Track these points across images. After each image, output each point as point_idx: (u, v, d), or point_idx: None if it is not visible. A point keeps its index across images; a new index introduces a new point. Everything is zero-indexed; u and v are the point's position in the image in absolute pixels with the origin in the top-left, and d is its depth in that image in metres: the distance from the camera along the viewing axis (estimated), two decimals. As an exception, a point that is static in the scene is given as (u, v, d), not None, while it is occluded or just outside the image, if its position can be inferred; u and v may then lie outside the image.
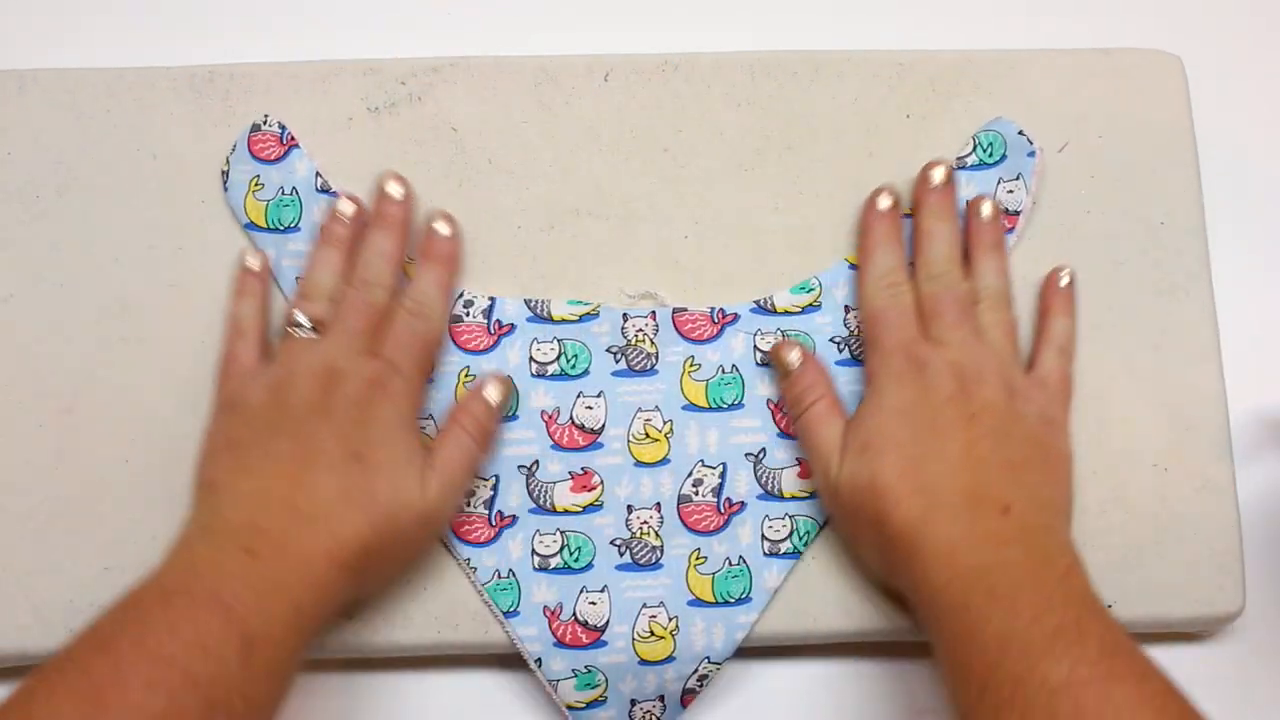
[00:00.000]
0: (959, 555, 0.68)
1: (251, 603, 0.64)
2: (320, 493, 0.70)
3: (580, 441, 0.80)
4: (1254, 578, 0.81)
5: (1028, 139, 0.85)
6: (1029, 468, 0.73)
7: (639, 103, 0.87)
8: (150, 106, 0.86)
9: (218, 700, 0.60)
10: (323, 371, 0.74)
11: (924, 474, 0.71)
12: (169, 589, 0.64)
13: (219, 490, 0.71)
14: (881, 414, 0.75)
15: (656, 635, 0.77)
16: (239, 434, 0.74)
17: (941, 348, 0.76)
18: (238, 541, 0.67)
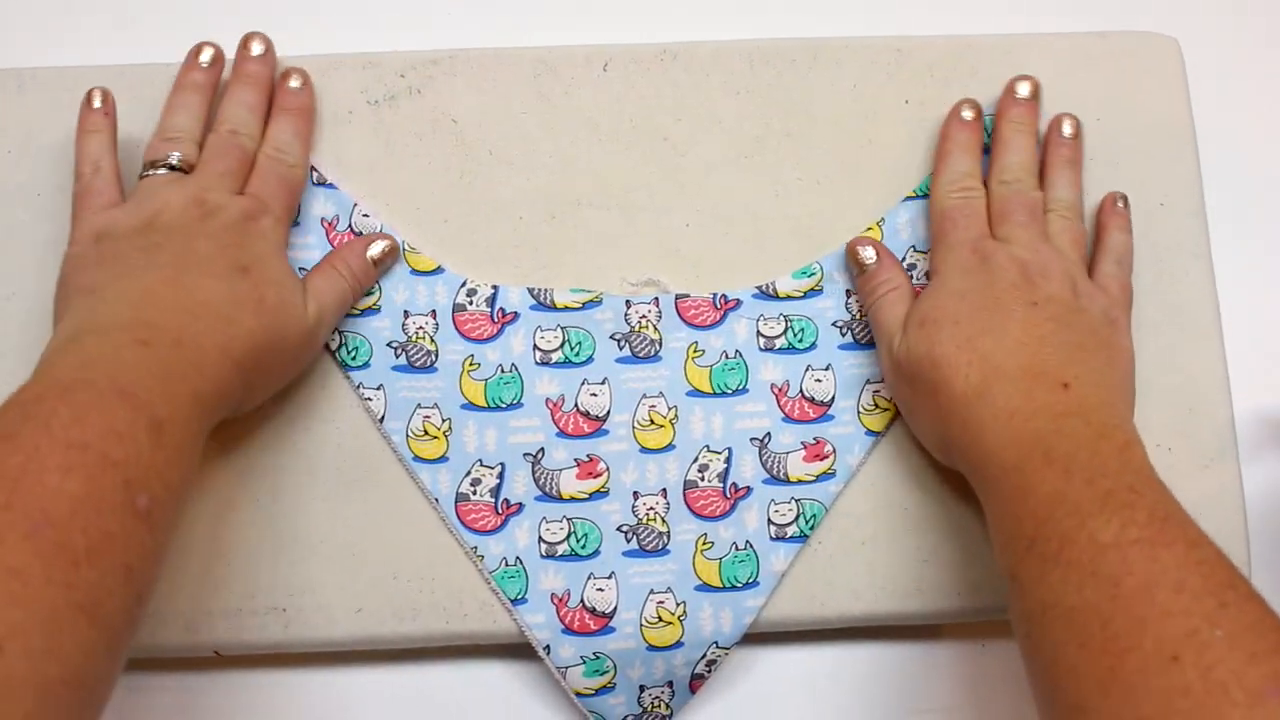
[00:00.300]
0: (1016, 421, 0.68)
1: (155, 389, 0.64)
2: (210, 295, 0.71)
3: (585, 428, 0.80)
4: (1259, 557, 0.82)
5: None
6: (1091, 351, 0.73)
7: (638, 92, 0.87)
8: (150, 104, 0.85)
9: (135, 481, 0.60)
10: (194, 201, 0.75)
11: (983, 347, 0.72)
12: (66, 382, 0.63)
13: (98, 291, 0.71)
14: (942, 294, 0.76)
15: (664, 621, 0.77)
16: (111, 248, 0.74)
17: (1008, 244, 0.77)
18: (130, 334, 0.67)
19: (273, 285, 0.73)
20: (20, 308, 0.83)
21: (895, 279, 0.80)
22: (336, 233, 0.83)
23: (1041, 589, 0.62)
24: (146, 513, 0.60)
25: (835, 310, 0.83)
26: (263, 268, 0.74)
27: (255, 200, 0.77)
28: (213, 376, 0.68)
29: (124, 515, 0.59)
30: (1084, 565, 0.61)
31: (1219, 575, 0.60)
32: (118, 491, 0.59)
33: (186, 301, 0.69)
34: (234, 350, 0.69)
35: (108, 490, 0.59)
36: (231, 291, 0.71)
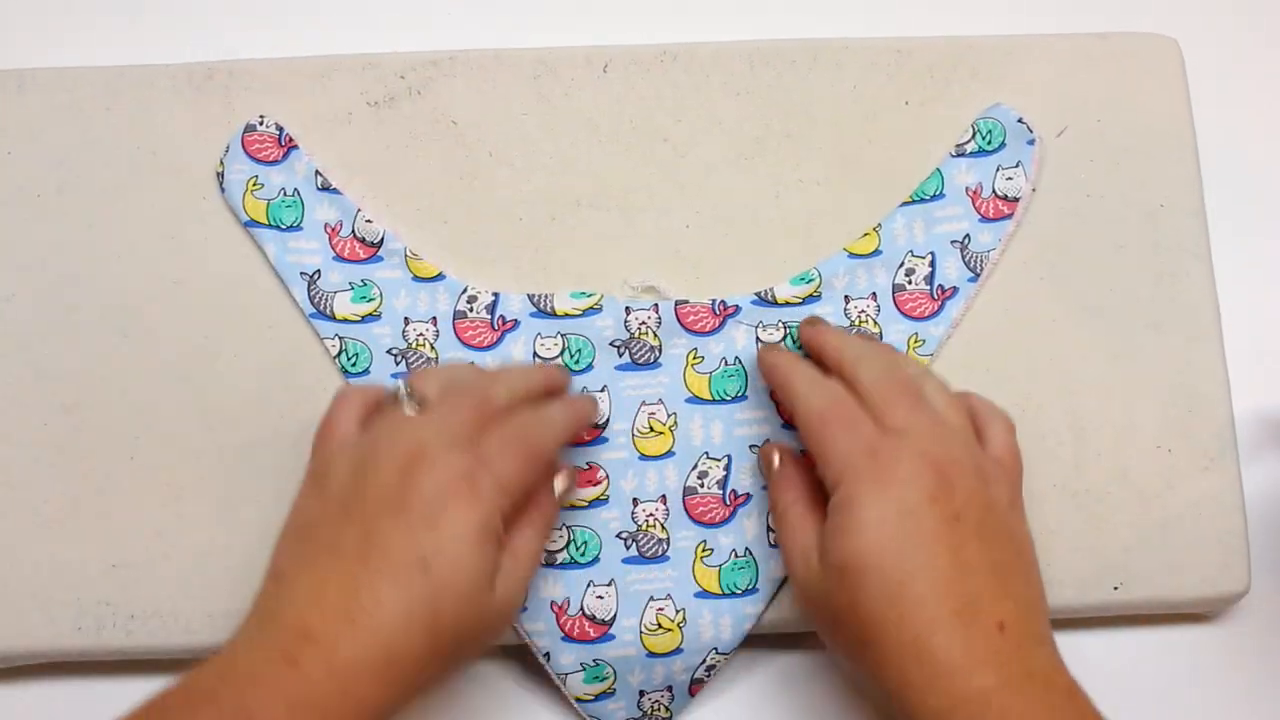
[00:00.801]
0: (959, 679, 0.63)
1: (281, 717, 0.60)
2: (380, 604, 0.63)
3: (585, 436, 0.80)
4: (1259, 557, 0.82)
5: (1027, 127, 0.85)
6: (1013, 570, 0.68)
7: (638, 93, 0.87)
8: (150, 104, 0.86)
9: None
10: (408, 455, 0.67)
11: (913, 594, 0.65)
12: (196, 695, 0.60)
13: (282, 581, 0.66)
14: (857, 533, 0.67)
15: (664, 628, 0.77)
16: (314, 516, 0.68)
17: (908, 438, 0.69)
18: (282, 648, 0.62)
19: (452, 591, 0.65)
20: (20, 308, 0.83)
21: (796, 495, 0.74)
22: (340, 238, 0.83)
23: None
24: None
25: (834, 317, 0.82)
26: (448, 562, 0.65)
27: (476, 460, 0.68)
28: (356, 700, 0.62)
29: None
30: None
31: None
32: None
33: (352, 607, 0.63)
34: (391, 674, 0.63)
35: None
36: (406, 600, 0.63)
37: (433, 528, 0.65)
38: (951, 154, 0.85)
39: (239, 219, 0.84)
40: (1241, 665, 0.83)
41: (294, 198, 0.84)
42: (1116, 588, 0.79)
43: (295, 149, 0.85)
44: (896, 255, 0.83)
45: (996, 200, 0.84)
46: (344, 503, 0.67)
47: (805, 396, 0.73)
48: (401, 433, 0.69)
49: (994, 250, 0.84)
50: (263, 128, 0.85)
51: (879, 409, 0.71)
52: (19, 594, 0.78)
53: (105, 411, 0.81)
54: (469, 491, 0.66)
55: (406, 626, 0.63)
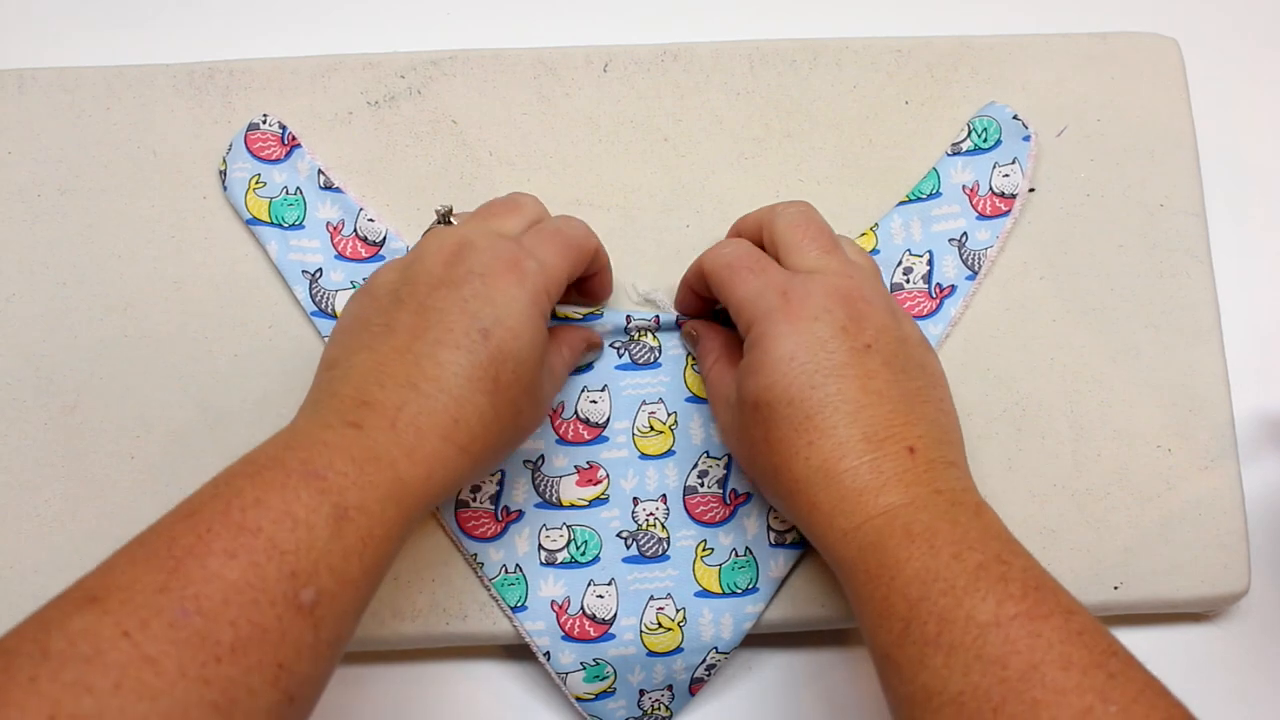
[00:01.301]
0: (867, 496, 0.65)
1: (349, 473, 0.60)
2: (440, 367, 0.65)
3: (585, 435, 0.80)
4: (1259, 557, 0.82)
5: (1022, 123, 0.85)
6: (923, 397, 0.69)
7: (638, 93, 0.87)
8: (150, 104, 0.86)
9: (303, 571, 0.57)
10: (454, 245, 0.69)
11: (821, 423, 0.66)
12: (260, 462, 0.60)
13: (335, 367, 0.67)
14: (770, 369, 0.68)
15: (664, 627, 0.77)
16: (363, 312, 0.69)
17: (817, 275, 0.70)
18: (343, 416, 0.63)
19: (511, 358, 0.67)
20: (20, 308, 0.83)
21: (714, 350, 0.78)
22: (342, 237, 0.83)
23: (924, 674, 0.60)
24: (311, 607, 0.57)
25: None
26: (506, 330, 0.66)
27: (519, 246, 0.70)
28: (425, 460, 0.63)
29: (284, 608, 0.56)
30: (967, 647, 0.58)
31: (1099, 643, 0.58)
32: (281, 582, 0.56)
33: (414, 374, 0.64)
34: (458, 435, 0.64)
35: (270, 580, 0.56)
36: (468, 363, 0.65)
37: (488, 300, 0.67)
38: (948, 153, 0.86)
39: (241, 217, 0.84)
40: (1241, 665, 0.83)
41: (296, 196, 0.84)
42: (1116, 588, 0.79)
43: (298, 147, 0.85)
44: (894, 254, 0.83)
45: (994, 198, 0.84)
46: (394, 292, 0.68)
47: (713, 255, 0.75)
48: (446, 231, 0.71)
49: (991, 248, 0.84)
50: (266, 126, 0.85)
51: (791, 252, 0.73)
52: (19, 594, 0.78)
53: (105, 411, 0.81)
54: (516, 270, 0.68)
55: (470, 388, 0.65)
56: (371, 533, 0.60)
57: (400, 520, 0.62)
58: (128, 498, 0.79)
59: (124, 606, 0.53)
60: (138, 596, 0.53)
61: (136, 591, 0.53)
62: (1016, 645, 0.58)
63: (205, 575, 0.54)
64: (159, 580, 0.54)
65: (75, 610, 0.53)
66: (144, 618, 0.52)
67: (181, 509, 0.59)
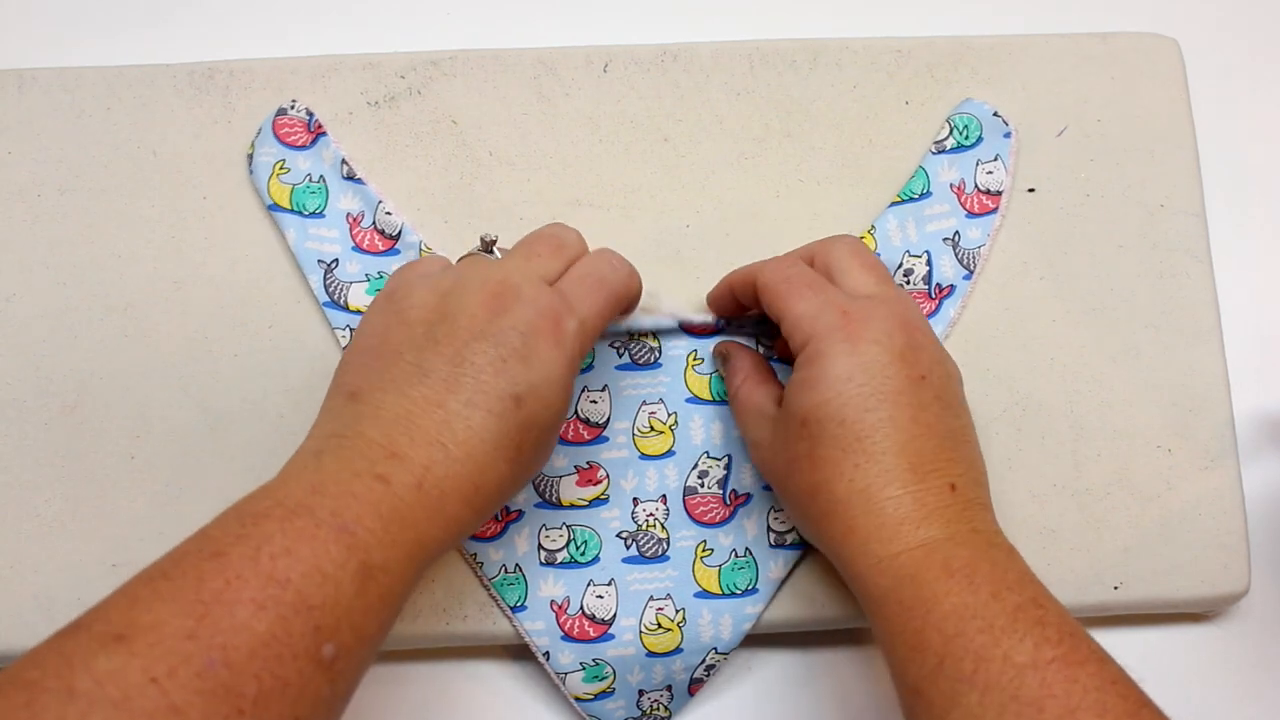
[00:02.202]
0: (908, 527, 0.65)
1: (377, 532, 0.60)
2: (470, 432, 0.64)
3: (585, 435, 0.80)
4: (1259, 557, 0.82)
5: (1003, 120, 0.86)
6: (964, 437, 0.70)
7: (638, 93, 0.87)
8: (150, 104, 0.86)
9: (326, 627, 0.57)
10: (497, 286, 0.67)
11: (871, 447, 0.66)
12: (291, 506, 0.60)
13: (361, 401, 0.65)
14: (825, 386, 0.68)
15: (664, 627, 0.77)
16: (393, 338, 0.67)
17: (877, 300, 0.71)
18: (372, 465, 0.62)
19: (537, 426, 0.66)
20: (20, 308, 0.83)
21: (746, 370, 0.78)
22: (361, 229, 0.83)
23: (956, 712, 0.60)
24: (330, 662, 0.57)
25: (836, 319, 0.82)
26: (539, 399, 0.66)
27: (562, 300, 0.69)
28: (444, 523, 0.63)
29: (305, 663, 0.56)
30: (1003, 688, 0.59)
31: (1133, 694, 0.59)
32: (306, 637, 0.56)
33: (444, 433, 0.64)
34: (477, 500, 0.65)
35: (296, 635, 0.56)
36: (498, 430, 0.65)
37: (525, 364, 0.66)
38: (931, 151, 0.86)
39: (262, 201, 0.84)
40: (1241, 665, 0.83)
41: (319, 184, 0.84)
42: (1116, 588, 0.79)
43: (323, 135, 0.85)
44: (894, 255, 0.83)
45: (980, 195, 0.85)
46: (429, 328, 0.67)
47: (772, 269, 0.74)
48: (489, 267, 0.69)
49: (983, 246, 0.84)
50: (294, 112, 0.86)
51: (848, 276, 0.73)
52: (19, 594, 0.78)
53: (105, 411, 0.81)
54: (556, 331, 0.67)
55: (495, 455, 0.65)
56: (392, 590, 0.61)
57: (415, 578, 0.63)
58: (128, 498, 0.79)
59: (152, 650, 0.53)
60: (166, 640, 0.53)
61: (165, 635, 0.53)
62: (1053, 689, 0.58)
63: (234, 625, 0.54)
64: (188, 626, 0.54)
65: (101, 648, 0.53)
66: (172, 665, 0.52)
67: (205, 545, 0.58)
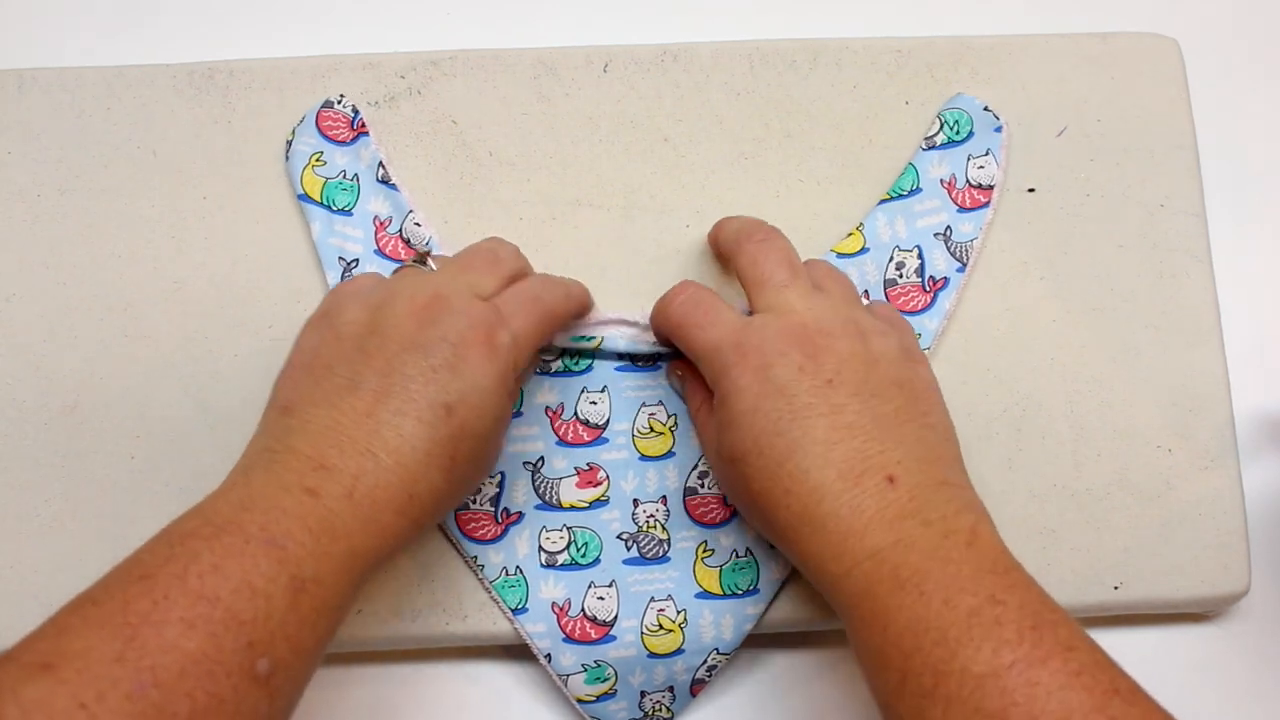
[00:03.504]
0: (852, 540, 0.64)
1: (307, 544, 0.60)
2: (403, 441, 0.64)
3: (585, 437, 0.80)
4: (1259, 557, 0.82)
5: (993, 115, 0.86)
6: (903, 418, 0.68)
7: (638, 93, 0.87)
8: (150, 104, 0.86)
9: (260, 642, 0.56)
10: (428, 299, 0.68)
11: (793, 469, 0.66)
12: (219, 524, 0.59)
13: (292, 415, 0.65)
14: (734, 426, 0.68)
15: (665, 629, 0.77)
16: (325, 353, 0.67)
17: (770, 317, 0.70)
18: (301, 478, 0.62)
19: (470, 436, 0.66)
20: (20, 308, 0.83)
21: (698, 397, 0.78)
22: (386, 234, 0.83)
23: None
24: (266, 677, 0.57)
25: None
26: (470, 408, 0.66)
27: (494, 312, 0.69)
28: (378, 534, 0.63)
29: (240, 679, 0.56)
30: (964, 700, 0.58)
31: (1100, 683, 0.58)
32: (239, 654, 0.56)
33: (374, 442, 0.64)
34: (411, 509, 0.64)
35: (228, 651, 0.55)
36: (429, 439, 0.65)
37: (456, 373, 0.66)
38: (922, 147, 0.86)
39: (293, 190, 0.84)
40: (1241, 665, 0.83)
41: (352, 182, 0.84)
42: (1116, 588, 0.79)
43: (365, 135, 0.85)
44: (884, 251, 0.83)
45: (971, 189, 0.84)
46: (360, 341, 0.67)
47: (663, 312, 0.75)
48: (421, 280, 0.70)
49: (976, 239, 0.84)
50: (339, 106, 0.86)
51: (751, 290, 0.73)
52: (19, 594, 0.78)
53: (105, 411, 0.81)
54: (488, 343, 0.68)
55: (427, 464, 0.64)
56: (326, 603, 0.61)
57: (351, 589, 0.63)
58: (128, 498, 0.79)
59: (80, 676, 0.52)
60: (94, 666, 0.53)
61: (93, 660, 0.53)
62: (1014, 697, 0.57)
63: (162, 645, 0.54)
64: (115, 649, 0.53)
65: (28, 678, 0.52)
66: (101, 690, 0.52)
67: (133, 569, 0.58)
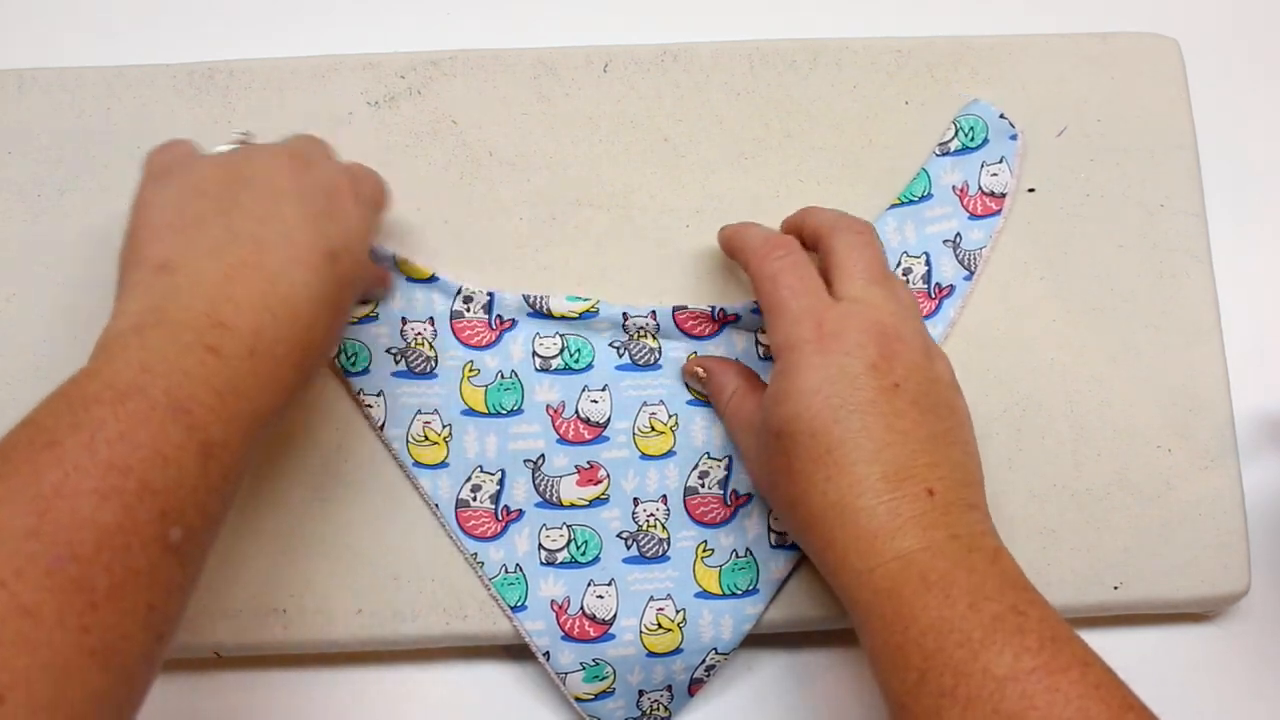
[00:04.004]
0: (882, 539, 0.64)
1: (213, 407, 0.58)
2: (294, 290, 0.63)
3: (586, 435, 0.80)
4: (1259, 557, 0.82)
5: (1009, 122, 0.86)
6: (949, 440, 0.68)
7: (638, 93, 0.87)
8: (150, 104, 0.86)
9: (172, 511, 0.55)
10: (289, 154, 0.68)
11: (842, 458, 0.66)
12: (121, 388, 0.57)
13: (175, 271, 0.62)
14: (795, 399, 0.68)
15: (664, 628, 0.77)
16: (191, 207, 0.65)
17: (857, 307, 0.70)
18: (200, 336, 0.60)
19: (350, 284, 0.67)
20: (20, 308, 0.83)
21: (732, 385, 0.78)
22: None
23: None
24: (178, 546, 0.56)
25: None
26: (350, 255, 0.67)
27: (352, 176, 0.70)
28: (277, 390, 0.63)
29: (154, 549, 0.54)
30: (984, 701, 0.58)
31: (1116, 698, 0.58)
32: (152, 524, 0.54)
33: (269, 297, 0.62)
34: (306, 362, 0.64)
35: (142, 523, 0.54)
36: (319, 287, 0.64)
37: (334, 220, 0.67)
38: (935, 153, 0.86)
39: None
40: (1241, 665, 0.83)
41: None
42: (1116, 588, 0.79)
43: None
44: (891, 257, 0.83)
45: (983, 197, 0.84)
46: (229, 192, 0.66)
47: (756, 254, 0.74)
48: (268, 147, 0.70)
49: (985, 247, 0.84)
50: None
51: (839, 275, 0.72)
52: (19, 594, 0.77)
53: (105, 411, 0.80)
54: (354, 192, 0.69)
55: (319, 312, 0.65)
56: (232, 468, 0.59)
57: (251, 451, 0.62)
58: (128, 498, 0.79)
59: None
60: (9, 542, 0.51)
61: (7, 536, 0.51)
62: (1034, 700, 0.57)
63: (78, 520, 0.52)
64: (30, 524, 0.52)
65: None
66: (18, 566, 0.51)
67: (38, 436, 0.56)
